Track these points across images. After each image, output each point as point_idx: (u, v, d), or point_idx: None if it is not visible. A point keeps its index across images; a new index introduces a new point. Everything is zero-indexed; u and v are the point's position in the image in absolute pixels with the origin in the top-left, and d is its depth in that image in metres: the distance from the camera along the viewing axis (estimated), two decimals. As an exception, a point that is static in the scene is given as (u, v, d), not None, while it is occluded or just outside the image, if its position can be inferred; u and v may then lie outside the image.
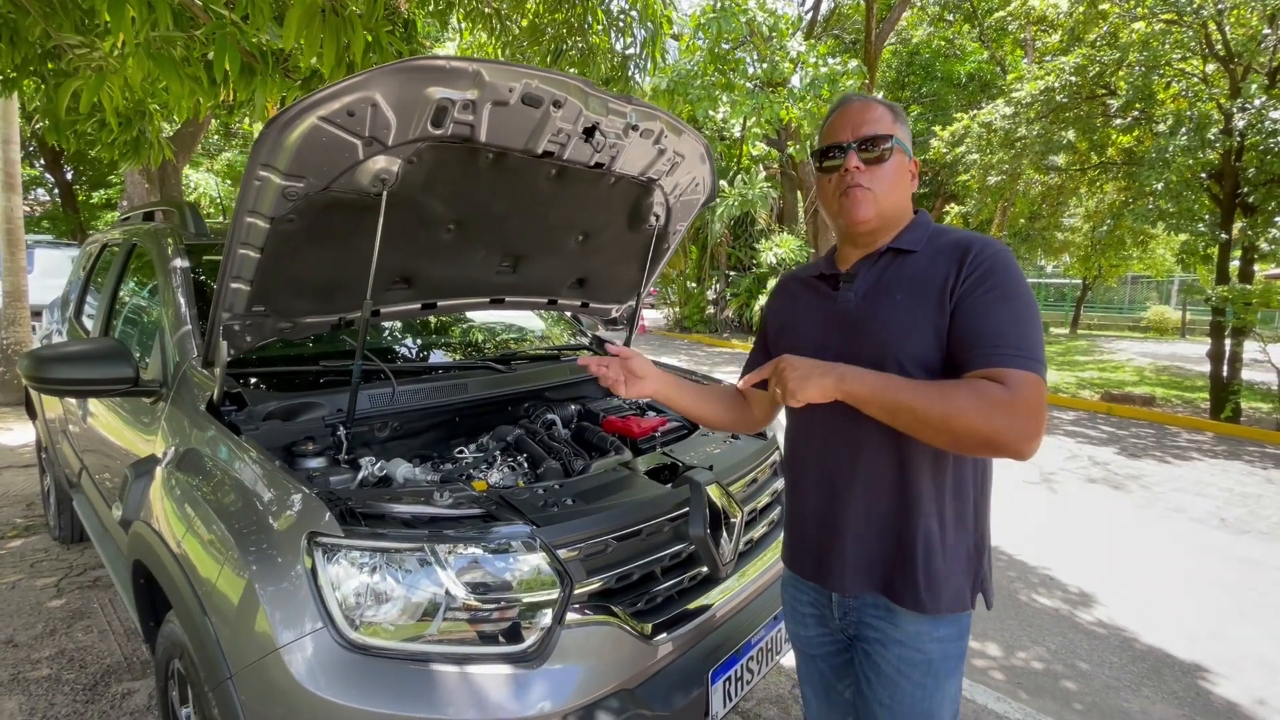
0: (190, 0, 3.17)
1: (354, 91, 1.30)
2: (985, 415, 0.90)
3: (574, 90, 1.58)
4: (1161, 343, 16.29)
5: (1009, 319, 0.98)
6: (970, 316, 1.00)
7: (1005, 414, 0.90)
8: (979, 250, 1.03)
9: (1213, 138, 6.71)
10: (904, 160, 1.13)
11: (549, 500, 1.42)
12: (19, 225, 6.34)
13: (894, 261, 1.12)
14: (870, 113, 1.12)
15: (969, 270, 1.02)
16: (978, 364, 0.97)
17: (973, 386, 0.94)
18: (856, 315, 1.11)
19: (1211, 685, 2.46)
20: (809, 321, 1.20)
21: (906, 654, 1.09)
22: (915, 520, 1.07)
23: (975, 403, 0.91)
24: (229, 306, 1.53)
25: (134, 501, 1.61)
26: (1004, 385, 0.92)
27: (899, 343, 1.04)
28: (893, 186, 1.11)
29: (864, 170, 1.10)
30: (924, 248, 1.10)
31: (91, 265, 3.16)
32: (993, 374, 0.95)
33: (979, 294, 1.00)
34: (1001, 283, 1.00)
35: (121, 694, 2.16)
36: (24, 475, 4.32)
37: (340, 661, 1.13)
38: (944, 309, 1.02)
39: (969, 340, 0.99)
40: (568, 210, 2.01)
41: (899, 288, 1.08)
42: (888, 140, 1.10)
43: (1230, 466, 5.59)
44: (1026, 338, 0.97)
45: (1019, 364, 0.94)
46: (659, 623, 1.39)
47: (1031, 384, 0.93)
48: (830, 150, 1.13)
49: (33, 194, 19.94)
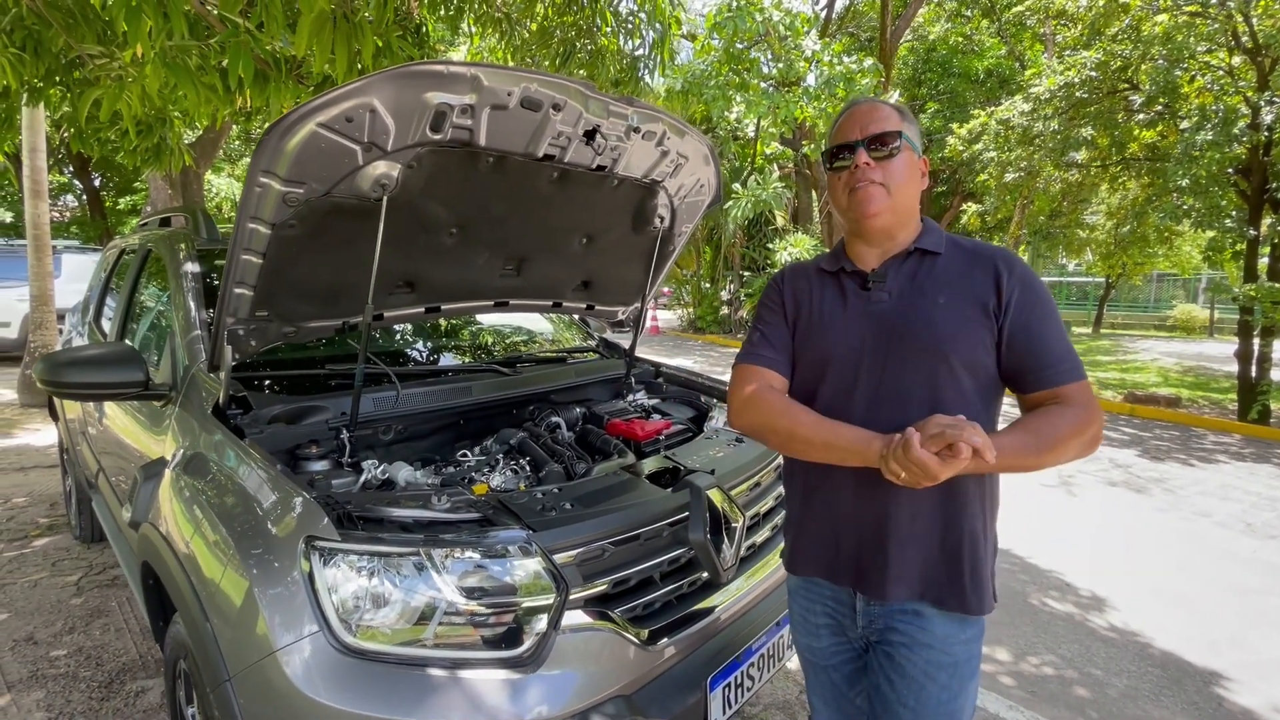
0: (205, 10, 3.23)
1: (352, 98, 1.31)
2: (1080, 441, 1.02)
3: (574, 93, 1.58)
4: (1189, 342, 15.92)
5: (1054, 334, 1.07)
6: (1025, 339, 1.07)
7: (1091, 431, 1.03)
8: (1010, 267, 1.10)
9: (1239, 132, 6.54)
10: (913, 157, 1.15)
11: (547, 504, 1.42)
12: (46, 231, 6.50)
13: (923, 263, 1.15)
14: (878, 112, 1.14)
15: (1009, 290, 1.08)
16: (1044, 385, 1.06)
17: (1062, 418, 1.02)
18: (896, 316, 1.12)
19: (1233, 694, 2.39)
20: (840, 318, 1.17)
21: (935, 656, 1.10)
22: (962, 522, 1.09)
23: (1074, 436, 1.01)
24: (233, 311, 1.55)
25: (143, 503, 1.64)
26: (1072, 405, 1.03)
27: (950, 344, 1.07)
28: (904, 183, 1.13)
29: (874, 166, 1.11)
30: (947, 252, 1.15)
31: (110, 270, 3.22)
32: (1060, 394, 1.05)
33: (1025, 315, 1.07)
34: (1039, 298, 1.08)
35: (135, 692, 2.20)
36: (50, 475, 4.42)
37: (336, 665, 1.14)
38: (990, 322, 1.08)
39: (1031, 363, 1.07)
40: (571, 213, 2.01)
41: (938, 289, 1.11)
42: (896, 137, 1.11)
43: (1258, 470, 5.45)
44: (1069, 347, 1.08)
45: (1074, 375, 1.06)
46: (657, 628, 1.38)
47: (1088, 390, 1.06)
48: (840, 150, 1.15)
49: (62, 200, 20.45)
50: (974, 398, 1.09)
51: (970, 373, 1.08)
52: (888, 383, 1.11)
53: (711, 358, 12.02)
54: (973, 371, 1.08)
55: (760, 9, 10.17)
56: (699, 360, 11.69)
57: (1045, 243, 14.85)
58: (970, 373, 1.08)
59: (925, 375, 1.08)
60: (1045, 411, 1.04)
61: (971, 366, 1.07)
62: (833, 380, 1.16)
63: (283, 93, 3.68)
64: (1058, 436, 1.01)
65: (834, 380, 1.16)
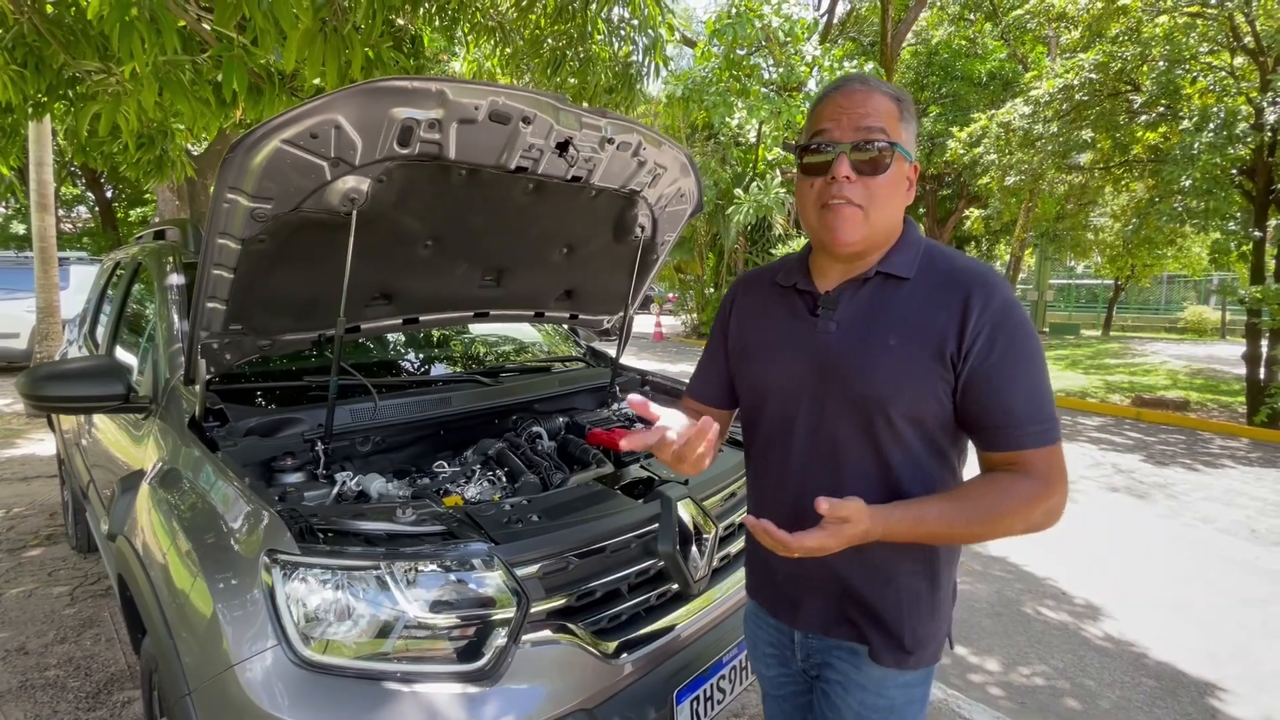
0: (197, 25, 3.27)
1: (316, 114, 1.32)
2: (1027, 518, 0.90)
3: (544, 106, 1.58)
4: (1199, 344, 15.73)
5: (1024, 384, 0.90)
6: (986, 388, 0.90)
7: (1039, 505, 0.90)
8: (984, 299, 0.90)
9: (1242, 133, 6.47)
10: (904, 168, 0.95)
11: (514, 517, 1.42)
12: (52, 244, 6.60)
13: (882, 289, 0.97)
14: (873, 103, 0.92)
15: (977, 327, 0.90)
16: (1000, 447, 0.92)
17: (1001, 489, 0.90)
18: (839, 353, 0.97)
19: (1228, 706, 2.35)
20: (781, 348, 1.04)
21: (870, 699, 1.02)
22: (899, 579, 0.99)
23: (1016, 512, 0.89)
24: (206, 325, 1.57)
25: (119, 516, 1.66)
26: (1030, 475, 0.90)
27: (891, 396, 0.92)
28: (887, 201, 0.94)
29: (855, 181, 0.91)
30: (918, 275, 0.96)
31: (105, 282, 3.26)
32: (1015, 459, 0.91)
33: (993, 359, 0.89)
34: (1013, 341, 0.90)
35: (122, 702, 2.22)
36: (51, 486, 4.47)
37: (294, 679, 1.14)
38: (946, 365, 0.91)
39: (989, 420, 0.91)
40: (549, 223, 2.01)
41: (891, 327, 0.94)
42: (888, 143, 0.91)
43: (1265, 475, 5.37)
44: (1043, 402, 0.91)
45: (1042, 439, 0.90)
46: (623, 641, 1.37)
47: (1054, 459, 0.91)
48: (816, 143, 0.94)
49: (75, 211, 20.76)
50: (922, 454, 0.95)
51: (916, 426, 0.94)
52: (825, 429, 0.98)
53: (715, 363, 11.99)
54: (919, 425, 0.94)
55: (760, 15, 10.19)
56: (702, 366, 11.67)
57: (1052, 245, 14.77)
58: (916, 426, 0.94)
59: (863, 426, 0.95)
60: (992, 479, 0.91)
61: (917, 420, 0.93)
62: (770, 416, 1.06)
63: (276, 105, 3.72)
64: (997, 511, 0.89)
65: (771, 416, 1.06)
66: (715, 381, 1.18)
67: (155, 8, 2.42)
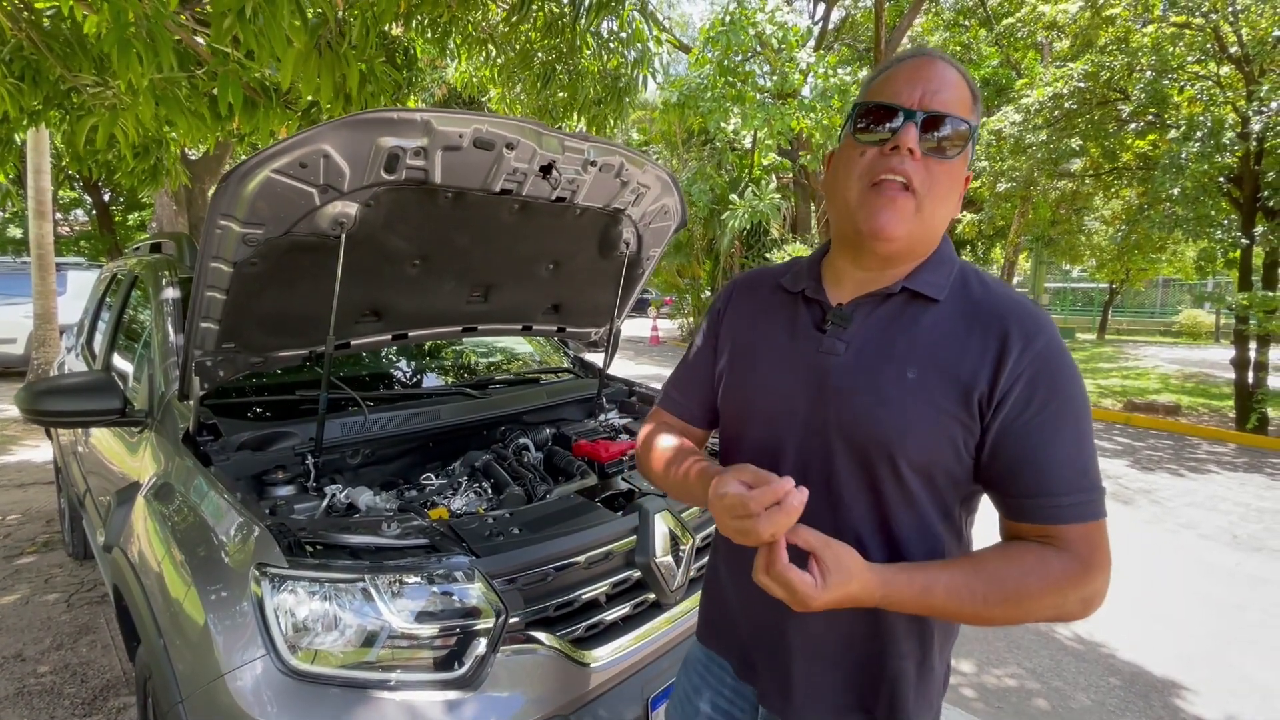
0: (193, 41, 3.33)
1: (305, 145, 1.38)
2: (1059, 605, 0.74)
3: (527, 132, 1.64)
4: (1194, 348, 15.84)
5: (1068, 447, 0.74)
6: (1020, 449, 0.75)
7: (1079, 595, 0.74)
8: (1027, 338, 0.75)
9: (1229, 142, 6.56)
10: (966, 165, 0.81)
11: (495, 530, 1.48)
12: (49, 251, 6.64)
13: (906, 310, 0.82)
14: (948, 78, 0.78)
15: (1015, 370, 0.75)
16: (1033, 518, 0.76)
17: (1034, 571, 0.73)
18: (844, 380, 0.81)
19: (1197, 709, 2.41)
20: (775, 364, 0.89)
21: None
22: (887, 659, 0.84)
23: (1045, 596, 0.73)
24: (200, 344, 1.62)
25: (115, 527, 1.71)
26: (1068, 553, 0.74)
27: (901, 439, 0.77)
28: (944, 198, 0.80)
29: (918, 160, 0.77)
30: (949, 298, 0.81)
31: (102, 294, 3.31)
32: (1051, 532, 0.75)
33: (1031, 412, 0.74)
34: (1059, 390, 0.75)
35: (118, 708, 2.27)
36: (48, 492, 4.51)
37: (282, 688, 1.19)
38: (971, 416, 0.76)
39: (1020, 487, 0.76)
40: (535, 241, 2.07)
41: (911, 357, 0.79)
42: (963, 126, 0.78)
43: (1249, 480, 5.44)
44: (1088, 470, 0.76)
45: (1084, 513, 0.75)
46: (600, 649, 1.43)
47: (1099, 538, 0.76)
48: (879, 110, 0.79)
49: (73, 215, 20.78)
50: (928, 509, 0.80)
51: (924, 478, 0.78)
52: (815, 469, 0.82)
53: (710, 367, 12.04)
54: (928, 477, 0.78)
55: (754, 22, 10.28)
56: (697, 370, 11.72)
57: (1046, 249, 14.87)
58: (924, 478, 0.78)
59: (863, 469, 0.80)
60: (1019, 552, 0.75)
61: (926, 472, 0.78)
62: (752, 444, 0.89)
63: (272, 118, 3.78)
64: (1024, 592, 0.72)
65: (753, 445, 0.89)
66: (696, 396, 1.02)
67: (153, 26, 2.48)
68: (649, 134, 16.13)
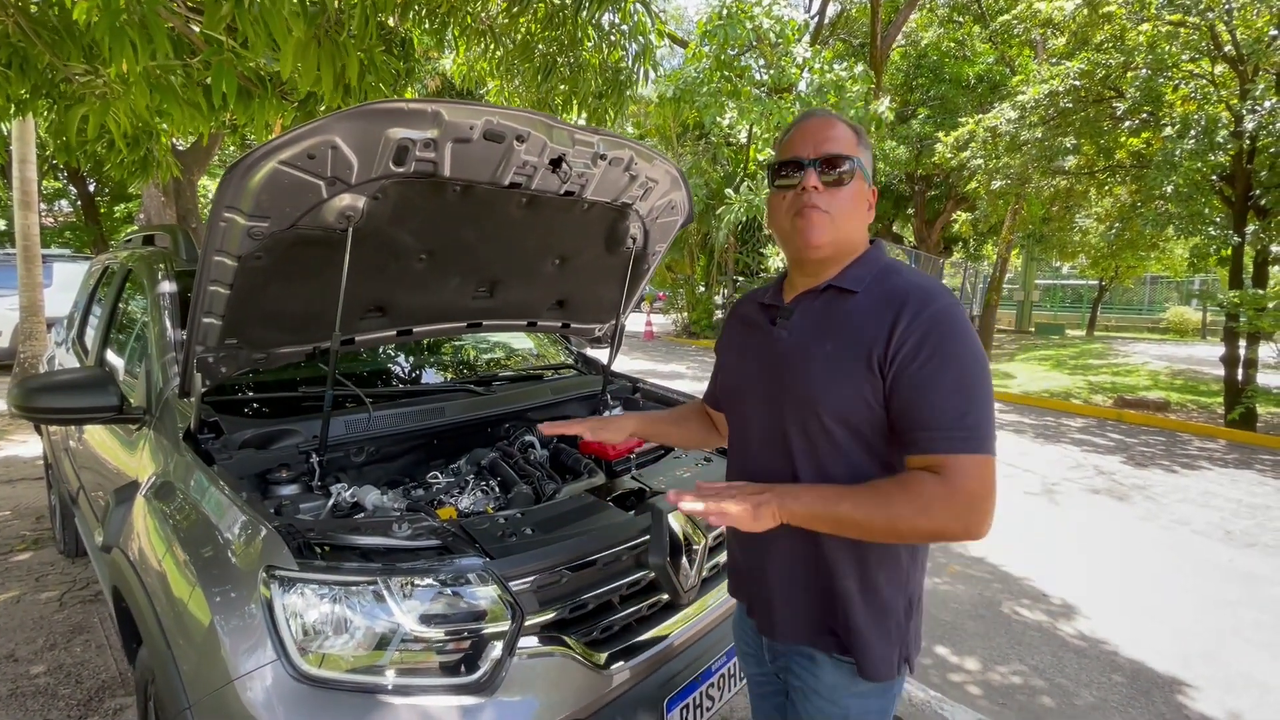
0: (187, 29, 3.26)
1: (313, 136, 1.34)
2: (927, 514, 0.89)
3: (537, 125, 1.61)
4: (1181, 344, 16.00)
5: (947, 391, 0.92)
6: (908, 393, 0.94)
7: (945, 509, 0.89)
8: (914, 313, 0.95)
9: (1222, 140, 6.60)
10: (863, 187, 1.07)
11: (507, 530, 1.45)
12: (35, 242, 6.52)
13: (833, 301, 1.06)
14: (832, 130, 1.05)
15: (902, 336, 0.95)
16: (916, 450, 0.94)
17: (908, 486, 0.91)
18: (786, 357, 1.07)
19: (1199, 706, 2.43)
20: (746, 356, 1.18)
21: (824, 706, 1.08)
22: (832, 581, 1.04)
23: (913, 505, 0.89)
24: (202, 340, 1.58)
25: (114, 527, 1.67)
26: (942, 477, 0.89)
27: (821, 397, 1.00)
28: (850, 213, 1.05)
29: (822, 191, 1.03)
30: (866, 289, 1.04)
31: (94, 287, 3.25)
32: (932, 462, 0.91)
33: (915, 366, 0.93)
34: (940, 347, 0.93)
35: (114, 709, 2.23)
36: (36, 488, 4.44)
37: (293, 693, 1.16)
38: (874, 373, 0.96)
39: (907, 423, 0.94)
40: (542, 235, 2.04)
41: (831, 335, 1.03)
42: (849, 162, 1.03)
43: (1240, 476, 5.50)
44: (968, 412, 0.91)
45: (959, 446, 0.90)
46: (615, 651, 1.41)
47: (973, 468, 0.89)
48: (787, 166, 1.06)
49: (56, 206, 20.44)
50: (856, 453, 1.01)
51: (847, 427, 0.99)
52: (773, 428, 1.08)
53: (705, 363, 12.06)
54: (851, 426, 0.99)
55: (750, 16, 10.23)
56: (692, 366, 11.74)
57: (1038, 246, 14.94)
58: (847, 427, 0.99)
59: (800, 425, 1.03)
60: (906, 475, 0.94)
61: (849, 421, 0.99)
62: (736, 415, 1.21)
63: (267, 109, 3.71)
64: (902, 501, 0.89)
65: (736, 416, 1.21)
66: (713, 390, 1.39)
67: (146, 13, 2.42)
68: (644, 128, 16.06)
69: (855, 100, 10.15)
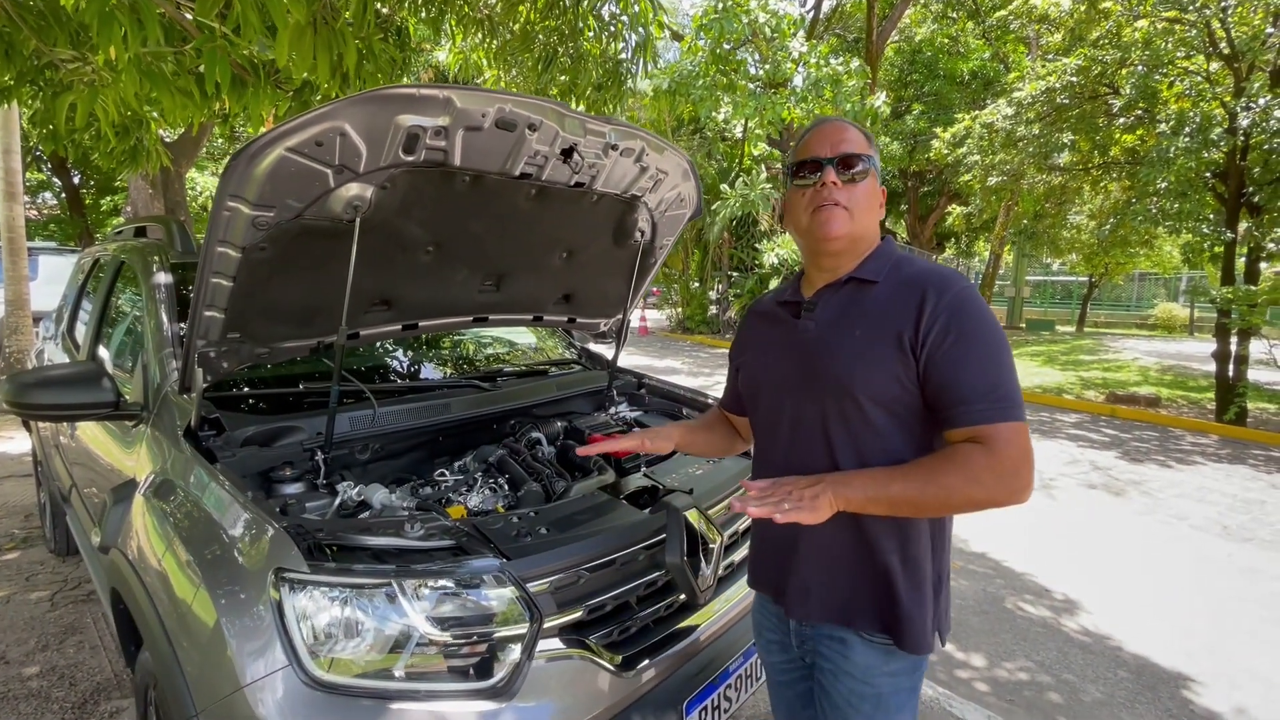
0: (179, 15, 3.18)
1: (321, 122, 1.29)
2: (979, 483, 0.95)
3: (549, 113, 1.56)
4: (1169, 341, 16.15)
5: (978, 367, 0.98)
6: (941, 372, 1.00)
7: (993, 478, 0.94)
8: (937, 297, 1.02)
9: (1216, 137, 6.63)
10: (876, 185, 1.14)
11: (522, 530, 1.41)
12: (21, 234, 6.39)
13: (856, 292, 1.12)
14: (847, 133, 1.13)
15: (930, 319, 1.01)
16: (958, 424, 0.99)
17: (955, 459, 0.96)
18: (815, 346, 1.11)
19: (1205, 700, 2.43)
20: (771, 350, 1.21)
21: (856, 687, 1.10)
22: (875, 555, 1.07)
23: (963, 477, 0.95)
24: (203, 334, 1.53)
25: (112, 528, 1.62)
26: (985, 447, 0.95)
27: (855, 380, 1.05)
28: (865, 208, 1.11)
29: (840, 187, 1.09)
30: (885, 278, 1.10)
31: (84, 280, 3.17)
32: (973, 434, 0.98)
33: (945, 347, 0.99)
34: (965, 328, 0.99)
35: (110, 712, 2.17)
36: (24, 485, 4.35)
37: (305, 699, 1.12)
38: (905, 356, 1.02)
39: (945, 400, 1.00)
40: (550, 228, 2.00)
41: (859, 321, 1.08)
42: (865, 160, 1.10)
43: (1234, 471, 5.54)
44: (999, 384, 0.98)
45: (995, 416, 0.96)
46: (633, 653, 1.38)
47: (1011, 435, 0.96)
48: (806, 165, 1.12)
49: (40, 198, 20.08)
50: (893, 435, 1.05)
51: (884, 409, 1.04)
52: (809, 418, 1.10)
53: (700, 358, 12.04)
54: (887, 408, 1.04)
55: (747, 10, 10.18)
56: (687, 361, 11.71)
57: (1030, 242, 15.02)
58: (884, 409, 1.04)
59: (837, 411, 1.07)
60: (952, 449, 0.99)
61: (884, 403, 1.04)
62: (762, 412, 1.22)
63: (261, 98, 3.63)
64: (953, 471, 0.95)
65: (762, 412, 1.22)
66: (731, 393, 1.42)
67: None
68: (639, 122, 15.98)
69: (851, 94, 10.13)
